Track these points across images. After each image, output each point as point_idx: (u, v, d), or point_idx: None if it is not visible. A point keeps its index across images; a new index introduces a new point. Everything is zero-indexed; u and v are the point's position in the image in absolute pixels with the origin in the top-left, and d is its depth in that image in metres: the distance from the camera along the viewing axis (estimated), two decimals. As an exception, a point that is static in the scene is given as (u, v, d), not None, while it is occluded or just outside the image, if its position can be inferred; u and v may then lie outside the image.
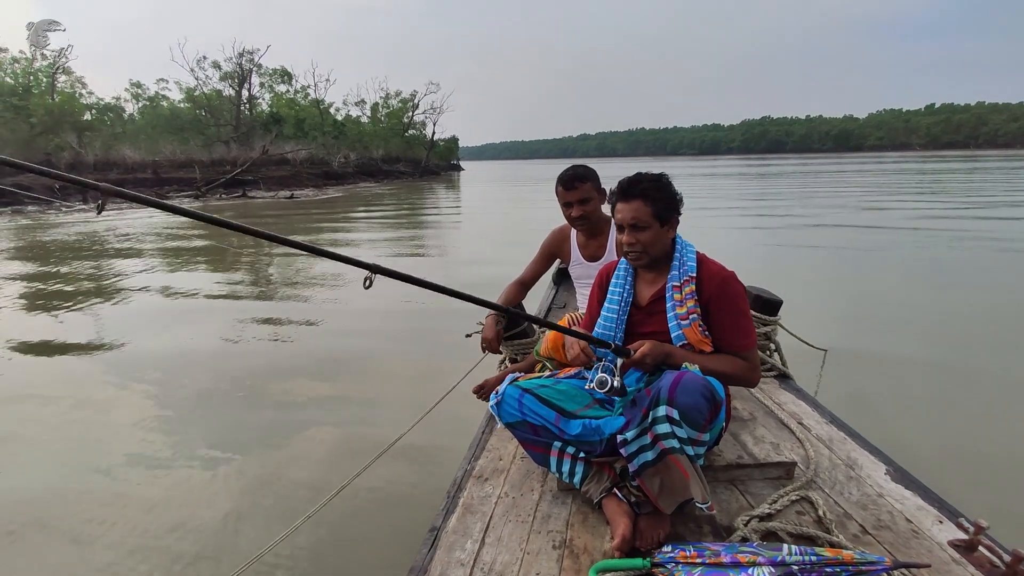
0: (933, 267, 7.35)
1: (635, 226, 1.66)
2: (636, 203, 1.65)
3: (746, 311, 1.66)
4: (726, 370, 1.60)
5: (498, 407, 1.67)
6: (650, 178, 1.69)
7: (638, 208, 1.65)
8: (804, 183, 27.23)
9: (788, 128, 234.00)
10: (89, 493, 2.73)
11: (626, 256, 1.74)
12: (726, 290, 1.63)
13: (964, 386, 3.64)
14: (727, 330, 1.63)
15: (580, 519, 1.58)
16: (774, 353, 2.63)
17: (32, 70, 35.78)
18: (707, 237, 9.81)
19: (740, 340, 1.63)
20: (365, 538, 2.37)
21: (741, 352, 1.63)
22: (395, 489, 2.67)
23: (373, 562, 2.24)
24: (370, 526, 2.44)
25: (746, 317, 1.65)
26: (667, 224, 1.68)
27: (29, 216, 18.60)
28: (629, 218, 1.66)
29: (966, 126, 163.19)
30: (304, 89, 50.52)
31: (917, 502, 1.60)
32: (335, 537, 2.35)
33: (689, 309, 1.62)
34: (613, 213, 1.73)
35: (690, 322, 1.62)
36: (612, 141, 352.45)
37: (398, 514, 2.51)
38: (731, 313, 1.63)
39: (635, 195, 1.66)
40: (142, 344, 4.97)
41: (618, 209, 1.70)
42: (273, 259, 9.71)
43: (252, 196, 26.55)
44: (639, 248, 1.67)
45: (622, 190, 1.69)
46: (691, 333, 1.61)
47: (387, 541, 2.34)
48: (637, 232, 1.66)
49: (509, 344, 2.54)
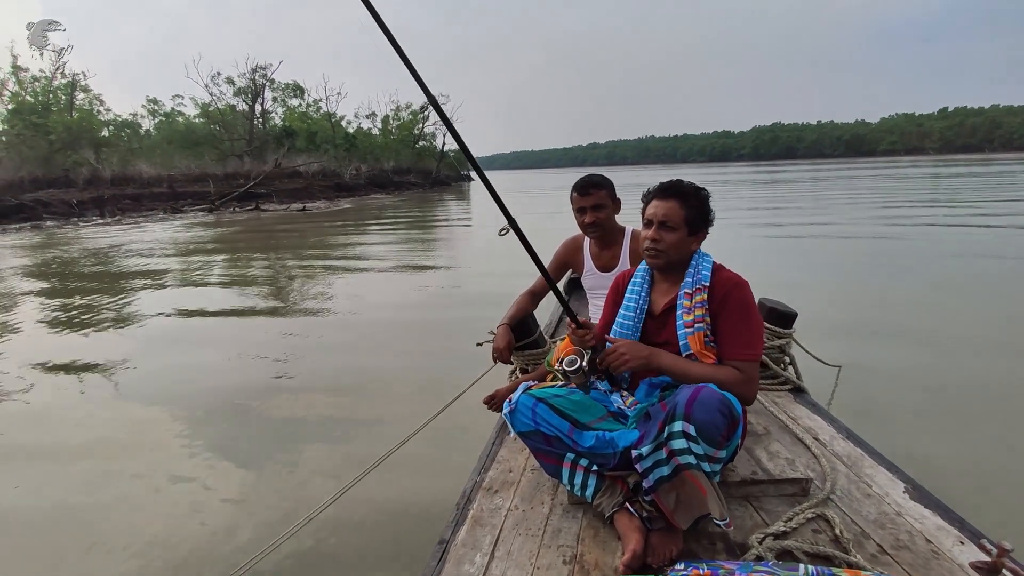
0: (954, 276, 7.21)
1: (664, 224, 1.66)
2: (672, 202, 1.66)
3: (751, 320, 1.62)
4: (710, 379, 1.54)
5: (511, 415, 1.66)
6: (692, 186, 1.70)
7: (672, 207, 1.66)
8: (817, 189, 27.02)
9: (799, 134, 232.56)
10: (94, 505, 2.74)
11: (644, 252, 1.72)
12: (731, 296, 1.62)
13: (985, 402, 3.54)
14: (727, 337, 1.60)
15: (591, 534, 1.56)
16: (788, 366, 2.59)
17: (51, 88, 36.59)
18: (721, 246, 9.75)
19: (738, 349, 1.59)
20: (374, 549, 2.36)
21: (737, 361, 1.59)
22: (404, 500, 2.65)
23: (382, 574, 2.22)
24: (378, 537, 2.43)
25: (749, 326, 1.61)
26: (694, 235, 1.68)
27: (47, 231, 18.90)
28: (660, 214, 1.66)
29: (980, 129, 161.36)
30: (316, 103, 51.19)
31: (937, 522, 1.56)
32: (344, 548, 2.35)
33: (696, 318, 1.61)
34: (645, 210, 1.72)
35: (695, 330, 1.60)
36: (622, 149, 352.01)
37: (406, 526, 2.49)
38: (732, 320, 1.60)
39: (673, 194, 1.67)
40: (151, 356, 5.03)
41: (652, 205, 1.70)
42: (287, 271, 9.80)
43: (265, 209, 26.85)
44: (661, 247, 1.66)
45: (662, 188, 1.70)
46: (694, 341, 1.60)
47: (396, 553, 2.33)
48: (664, 230, 1.66)
49: (520, 354, 2.52)
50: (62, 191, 27.66)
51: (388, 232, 16.22)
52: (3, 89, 34.12)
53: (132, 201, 27.70)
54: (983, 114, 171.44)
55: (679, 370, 1.60)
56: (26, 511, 2.74)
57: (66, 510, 2.74)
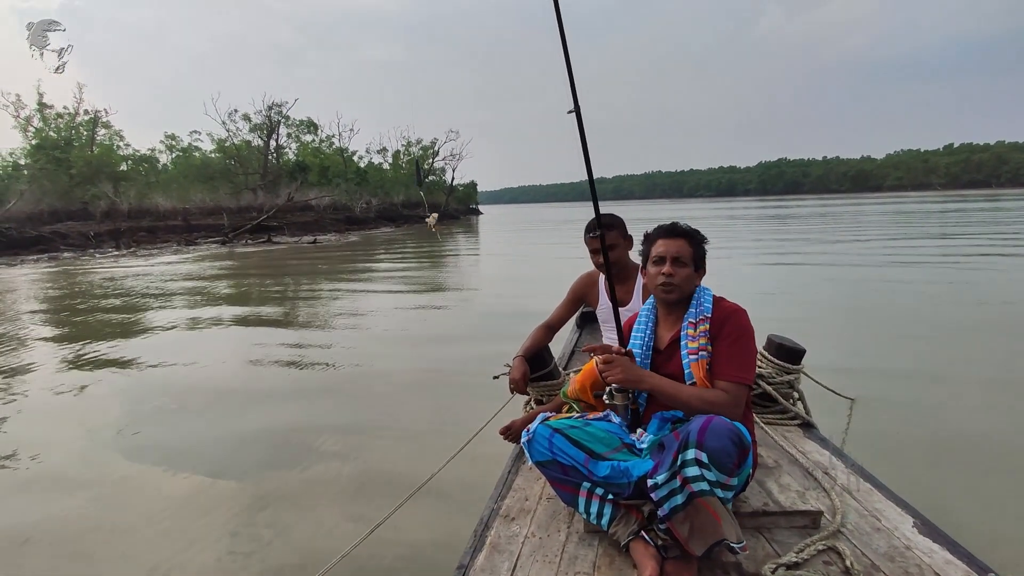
0: (968, 313, 7.19)
1: (678, 259, 1.78)
2: (681, 241, 1.80)
3: (745, 345, 1.70)
4: (695, 403, 1.62)
5: (529, 445, 1.73)
6: (690, 227, 1.85)
7: (682, 246, 1.80)
8: (825, 223, 27.13)
9: (805, 169, 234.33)
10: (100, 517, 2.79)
11: (658, 288, 1.81)
12: (729, 322, 1.71)
13: (992, 439, 3.54)
14: (721, 358, 1.68)
15: (607, 561, 1.59)
16: (797, 402, 2.63)
17: (74, 124, 37.78)
18: (730, 282, 9.81)
19: (729, 370, 1.66)
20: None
21: (728, 383, 1.64)
22: (422, 527, 2.68)
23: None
24: (397, 564, 2.45)
25: (741, 350, 1.69)
26: (698, 271, 1.82)
27: (66, 262, 19.25)
28: (674, 251, 1.79)
29: (987, 165, 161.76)
30: (329, 138, 52.51)
31: (945, 556, 1.58)
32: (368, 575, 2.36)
33: (700, 346, 1.69)
34: (649, 250, 1.84)
35: (698, 358, 1.68)
36: (629, 184, 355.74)
37: (424, 552, 2.52)
38: (728, 342, 1.69)
39: (680, 234, 1.82)
40: (157, 389, 5.10)
41: (660, 244, 1.82)
42: (296, 302, 9.92)
43: (277, 241, 27.28)
44: (675, 281, 1.77)
45: (667, 229, 1.84)
46: (698, 369, 1.68)
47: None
48: (678, 266, 1.78)
49: (536, 386, 2.58)
50: (80, 223, 28.32)
51: (397, 262, 16.41)
52: (28, 125, 35.30)
53: (147, 233, 28.28)
54: (989, 150, 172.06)
55: (669, 391, 1.66)
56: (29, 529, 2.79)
57: (67, 537, 2.77)
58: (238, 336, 7.37)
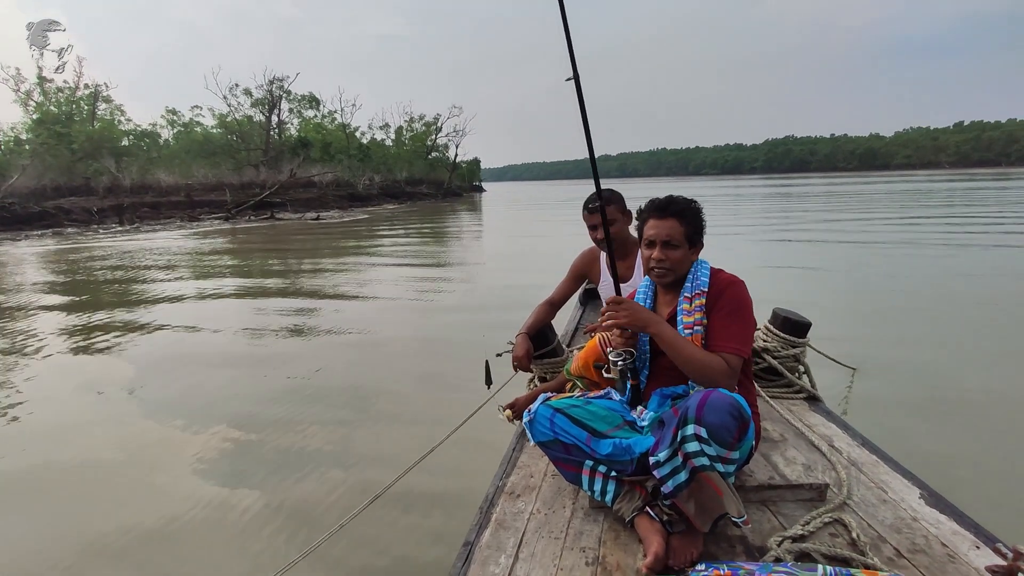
0: (970, 284, 7.17)
1: (668, 243, 1.71)
2: (671, 221, 1.72)
3: (739, 316, 1.66)
4: (694, 362, 1.58)
5: (530, 425, 1.72)
6: (684, 200, 1.76)
7: (672, 227, 1.71)
8: (831, 202, 26.88)
9: (812, 147, 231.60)
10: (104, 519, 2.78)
11: (651, 272, 1.79)
12: (725, 293, 1.68)
13: (1000, 407, 3.55)
14: (717, 330, 1.65)
15: (612, 536, 1.60)
16: (803, 375, 2.63)
17: (75, 99, 37.46)
18: (734, 257, 9.75)
19: (725, 342, 1.62)
20: (399, 550, 2.40)
21: (724, 355, 1.61)
22: (425, 503, 2.70)
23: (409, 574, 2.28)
24: (402, 538, 2.48)
25: (740, 322, 1.65)
26: (694, 247, 1.75)
27: (70, 238, 19.27)
28: (663, 235, 1.71)
29: (997, 144, 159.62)
30: (331, 114, 51.99)
31: (952, 526, 1.58)
32: (371, 549, 2.39)
33: (695, 320, 1.67)
34: (643, 229, 1.78)
35: (692, 332, 1.66)
36: (634, 161, 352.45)
37: (430, 527, 2.54)
38: (724, 313, 1.66)
39: (671, 214, 1.73)
40: (160, 372, 5.12)
41: (651, 225, 1.75)
42: (299, 278, 9.93)
43: (280, 218, 27.21)
44: (667, 265, 1.72)
45: (657, 207, 1.75)
46: (693, 342, 1.65)
47: (421, 553, 2.37)
48: (668, 250, 1.72)
49: (539, 363, 2.57)
50: (83, 199, 28.27)
51: (400, 237, 16.36)
52: (29, 99, 35.02)
53: (150, 209, 28.24)
54: (1000, 128, 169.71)
55: (671, 339, 1.62)
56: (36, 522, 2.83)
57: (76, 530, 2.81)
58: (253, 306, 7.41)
